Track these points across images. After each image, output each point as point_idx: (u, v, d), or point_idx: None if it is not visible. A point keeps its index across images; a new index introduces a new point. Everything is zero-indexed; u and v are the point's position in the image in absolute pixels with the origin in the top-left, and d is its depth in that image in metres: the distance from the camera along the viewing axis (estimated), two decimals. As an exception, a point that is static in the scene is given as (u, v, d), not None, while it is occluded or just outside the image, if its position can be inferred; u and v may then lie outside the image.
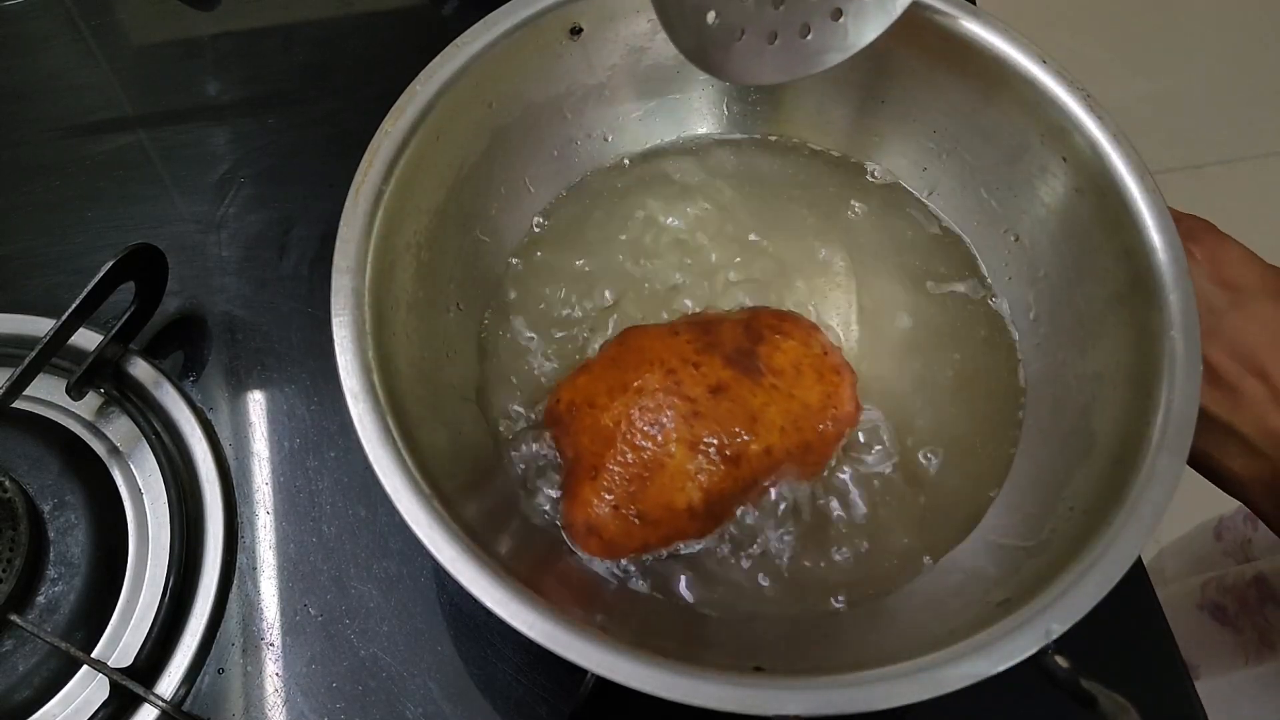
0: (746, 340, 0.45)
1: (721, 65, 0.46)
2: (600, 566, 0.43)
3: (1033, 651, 0.35)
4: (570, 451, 0.44)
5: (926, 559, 0.45)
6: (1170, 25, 1.59)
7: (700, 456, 0.42)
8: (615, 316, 0.50)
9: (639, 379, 0.43)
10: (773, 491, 0.44)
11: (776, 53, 0.46)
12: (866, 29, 0.46)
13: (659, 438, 0.42)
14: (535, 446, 0.46)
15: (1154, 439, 0.40)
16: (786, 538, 0.44)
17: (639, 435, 0.42)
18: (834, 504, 0.46)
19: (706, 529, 0.43)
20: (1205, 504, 0.69)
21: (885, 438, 0.47)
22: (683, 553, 0.44)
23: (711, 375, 0.43)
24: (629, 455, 0.42)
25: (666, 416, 0.42)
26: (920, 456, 0.47)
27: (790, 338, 0.45)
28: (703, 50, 0.44)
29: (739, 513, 0.44)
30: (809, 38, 0.46)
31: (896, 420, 0.48)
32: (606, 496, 0.42)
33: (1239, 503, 0.48)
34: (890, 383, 0.49)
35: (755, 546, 0.44)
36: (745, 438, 0.42)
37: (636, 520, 0.42)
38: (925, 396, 0.49)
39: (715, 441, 0.42)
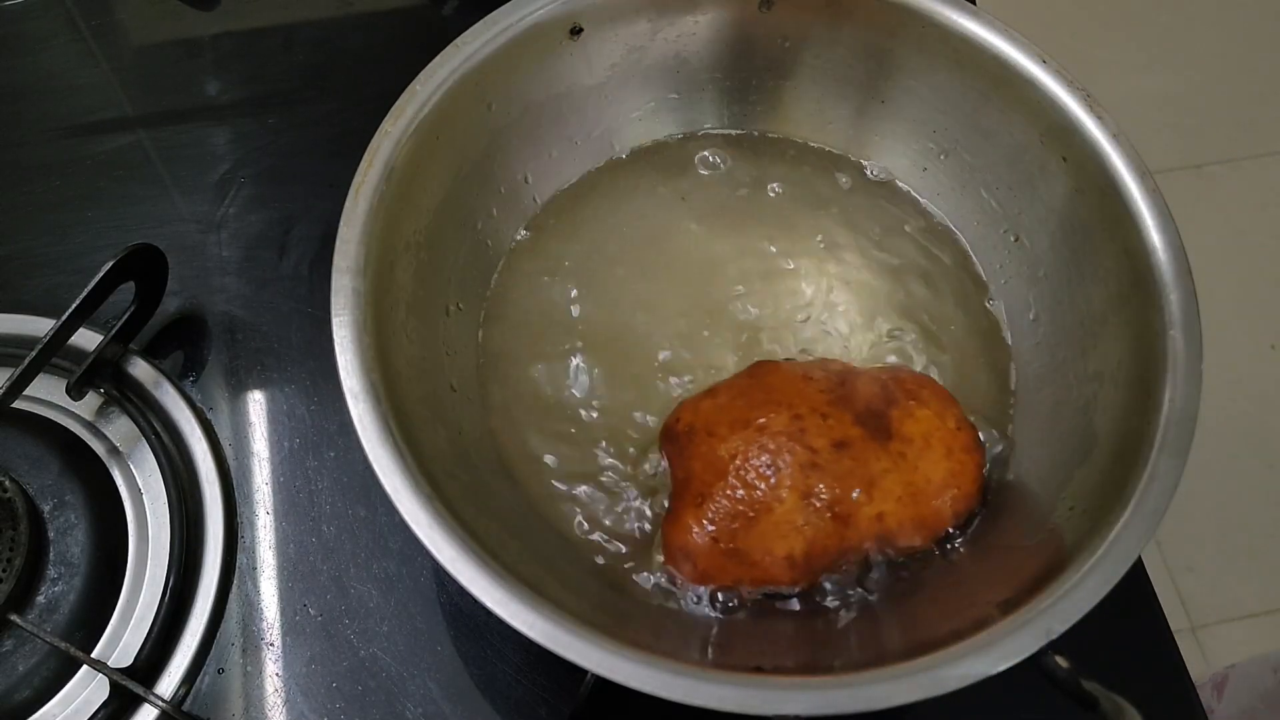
0: (881, 402, 0.44)
1: None
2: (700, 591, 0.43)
3: (1033, 652, 0.35)
4: (681, 473, 0.44)
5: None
6: (1171, 25, 1.59)
7: (810, 508, 0.41)
8: (620, 315, 0.50)
9: (764, 417, 0.42)
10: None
11: None
12: None
13: (772, 480, 0.41)
14: (650, 462, 0.46)
15: (1155, 439, 0.40)
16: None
17: (753, 473, 0.41)
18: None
19: (799, 581, 0.42)
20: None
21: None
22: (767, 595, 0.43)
23: (839, 430, 0.42)
24: (739, 491, 0.41)
25: (784, 461, 0.41)
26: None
27: (926, 407, 0.44)
28: None
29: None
30: None
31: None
32: (708, 526, 0.41)
33: None
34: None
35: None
36: (860, 499, 0.41)
37: (733, 556, 0.41)
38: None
39: (828, 497, 0.41)
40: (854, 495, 0.41)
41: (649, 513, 0.45)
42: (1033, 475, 0.46)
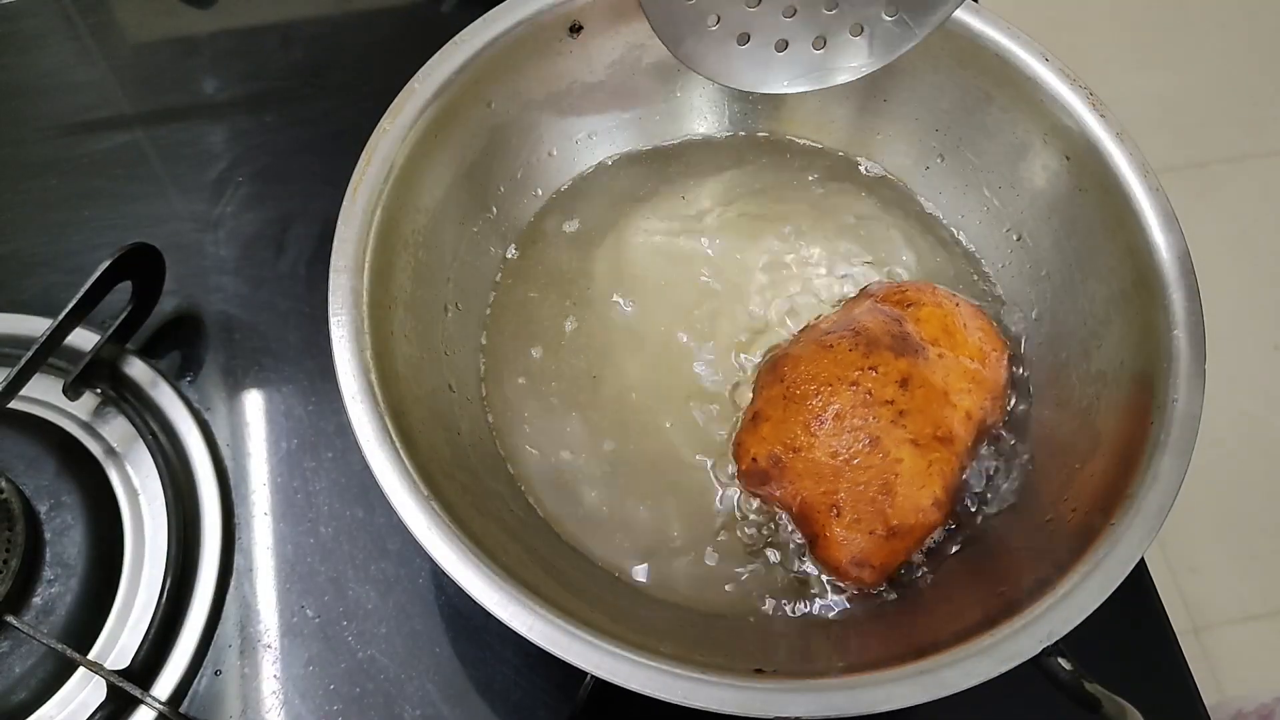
0: (896, 326, 0.44)
1: (722, 70, 0.45)
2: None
3: (1035, 653, 0.35)
4: (794, 502, 0.43)
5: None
6: (1173, 23, 1.59)
7: (925, 450, 0.42)
8: (618, 314, 0.50)
9: (832, 403, 0.42)
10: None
11: (785, 62, 0.45)
12: (887, 48, 0.45)
13: (882, 451, 0.41)
14: (752, 514, 0.45)
15: (1157, 439, 0.40)
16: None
17: (861, 455, 0.41)
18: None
19: (948, 513, 0.44)
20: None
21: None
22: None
23: (892, 371, 0.43)
24: (861, 478, 0.41)
25: (877, 426, 0.42)
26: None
27: (923, 305, 0.46)
28: (700, 54, 0.44)
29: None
30: (822, 51, 0.44)
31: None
32: (859, 526, 0.42)
33: None
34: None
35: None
36: (949, 412, 0.43)
37: (896, 535, 0.42)
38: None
39: (930, 430, 0.42)
40: (943, 412, 0.43)
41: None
42: (1035, 475, 0.46)
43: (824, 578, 0.44)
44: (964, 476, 0.44)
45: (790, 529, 0.44)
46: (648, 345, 0.49)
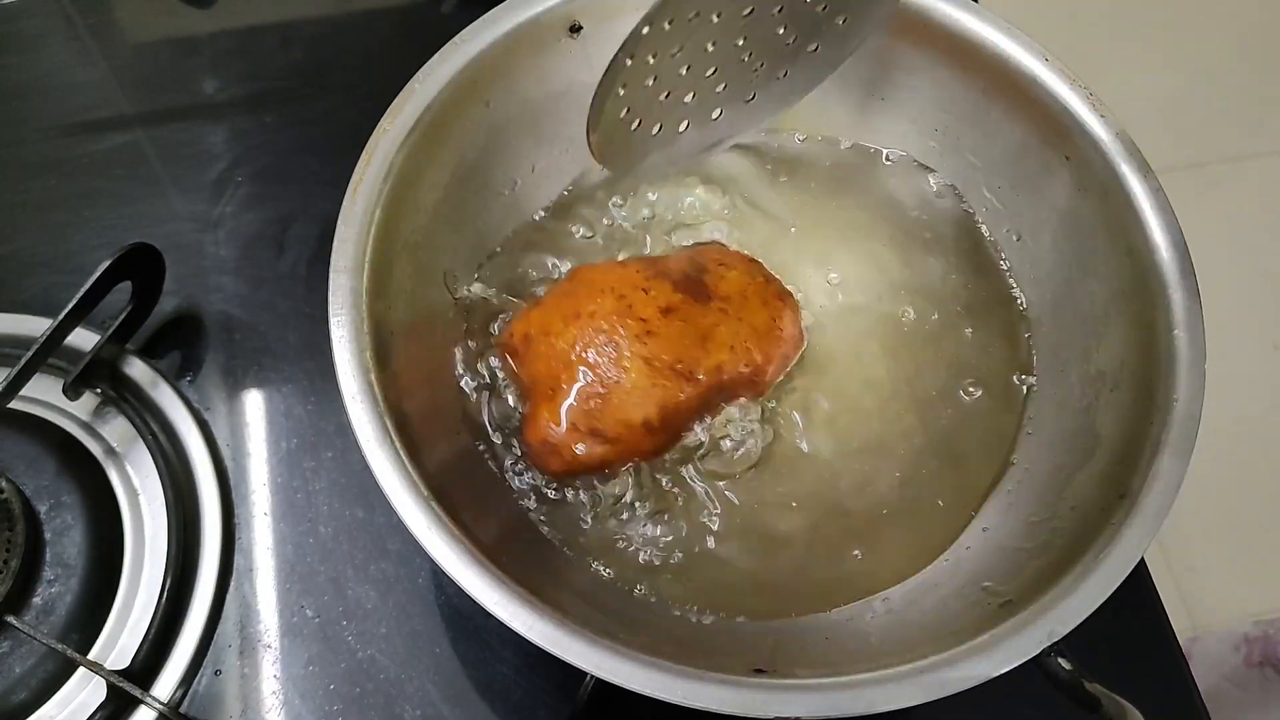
0: (695, 271, 0.47)
1: (631, 164, 0.47)
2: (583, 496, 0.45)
3: (1035, 653, 0.35)
4: (527, 378, 0.46)
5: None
6: (1173, 23, 1.59)
7: (655, 373, 0.43)
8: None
9: (592, 305, 0.44)
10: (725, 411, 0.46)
11: (684, 139, 0.47)
12: (773, 105, 0.49)
13: (614, 356, 0.43)
14: (499, 391, 0.47)
15: (1157, 439, 0.40)
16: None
17: (595, 353, 0.43)
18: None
19: (661, 445, 0.45)
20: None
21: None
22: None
23: (661, 299, 0.45)
24: (586, 374, 0.43)
25: (621, 336, 0.43)
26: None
27: (734, 268, 0.47)
28: (625, 157, 0.46)
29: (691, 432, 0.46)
30: (683, 130, 0.47)
31: (898, 412, 0.48)
32: (564, 416, 0.43)
33: None
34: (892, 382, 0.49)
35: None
36: (697, 355, 0.44)
37: (595, 437, 0.43)
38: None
39: (668, 358, 0.43)
40: (692, 351, 0.44)
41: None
42: (1035, 475, 0.46)
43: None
44: (691, 422, 0.46)
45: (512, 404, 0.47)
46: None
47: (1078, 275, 0.48)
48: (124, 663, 0.45)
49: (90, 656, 0.46)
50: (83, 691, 0.45)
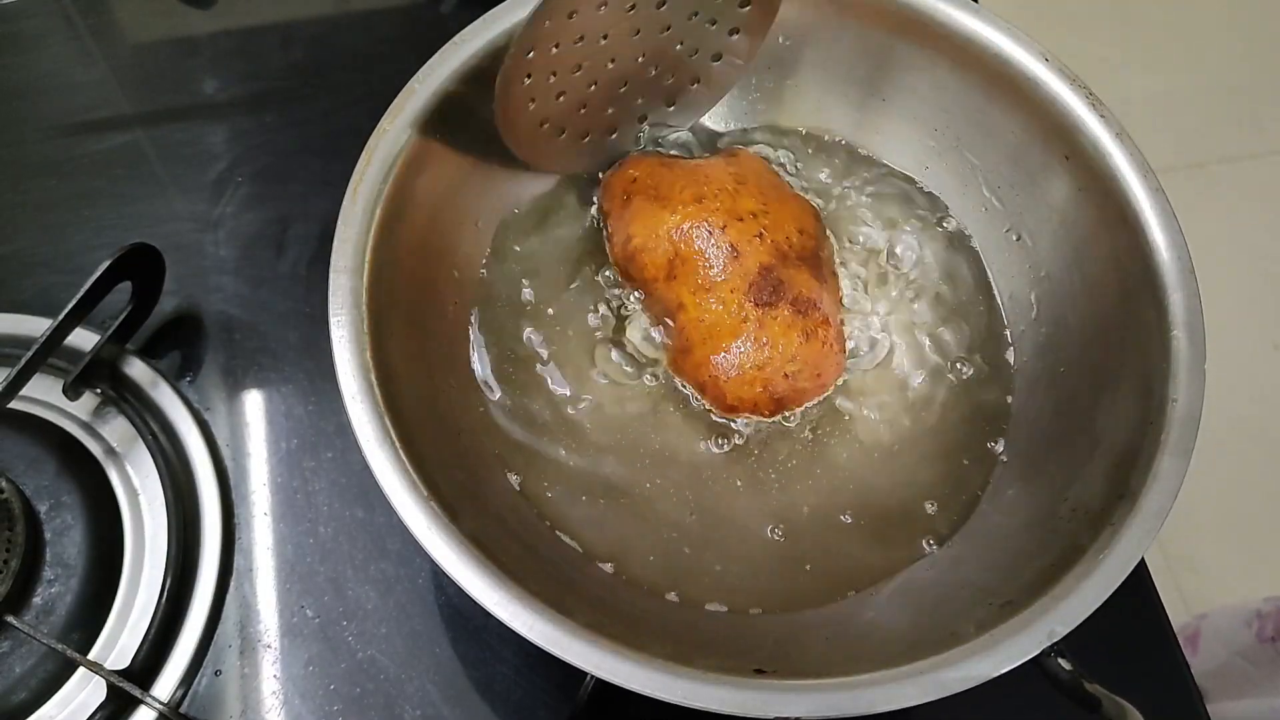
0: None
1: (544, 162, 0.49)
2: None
3: (1035, 653, 0.35)
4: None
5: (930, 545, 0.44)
6: (1173, 23, 1.59)
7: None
8: (619, 307, 0.50)
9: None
10: None
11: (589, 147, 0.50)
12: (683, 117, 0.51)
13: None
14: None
15: (1157, 439, 0.40)
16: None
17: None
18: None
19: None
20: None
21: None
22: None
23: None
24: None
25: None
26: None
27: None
28: (535, 154, 0.48)
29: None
30: (614, 136, 0.51)
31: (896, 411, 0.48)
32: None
33: None
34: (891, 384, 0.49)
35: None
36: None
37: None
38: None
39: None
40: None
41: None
42: (1035, 476, 0.46)
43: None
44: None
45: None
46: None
47: (1078, 275, 0.48)
48: (124, 663, 0.45)
49: (90, 656, 0.46)
50: (83, 691, 0.45)
